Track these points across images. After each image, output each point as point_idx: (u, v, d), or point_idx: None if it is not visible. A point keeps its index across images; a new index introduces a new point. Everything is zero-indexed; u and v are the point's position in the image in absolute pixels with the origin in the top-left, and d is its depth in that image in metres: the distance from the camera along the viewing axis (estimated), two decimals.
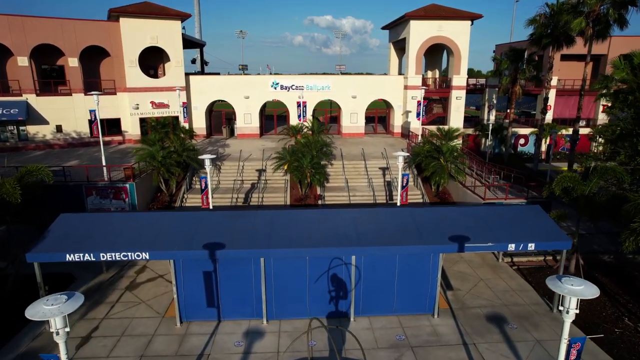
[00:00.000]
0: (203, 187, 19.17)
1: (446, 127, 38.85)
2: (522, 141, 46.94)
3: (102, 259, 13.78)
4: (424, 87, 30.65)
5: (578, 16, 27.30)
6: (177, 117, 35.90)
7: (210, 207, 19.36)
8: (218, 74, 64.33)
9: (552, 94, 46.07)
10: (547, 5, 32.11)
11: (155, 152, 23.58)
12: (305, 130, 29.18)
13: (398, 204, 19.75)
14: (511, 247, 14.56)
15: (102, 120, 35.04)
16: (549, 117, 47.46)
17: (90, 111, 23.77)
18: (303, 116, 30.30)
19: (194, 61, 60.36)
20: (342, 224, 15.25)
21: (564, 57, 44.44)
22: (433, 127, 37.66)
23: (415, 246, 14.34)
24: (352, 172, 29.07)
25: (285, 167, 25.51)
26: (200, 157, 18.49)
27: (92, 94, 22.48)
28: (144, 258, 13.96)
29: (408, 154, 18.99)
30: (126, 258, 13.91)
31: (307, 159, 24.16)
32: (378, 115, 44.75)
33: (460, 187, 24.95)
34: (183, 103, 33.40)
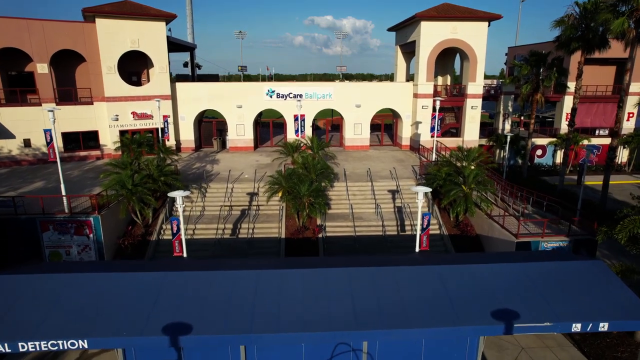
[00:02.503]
0: (175, 231, 15.51)
1: (462, 142, 35.36)
2: (539, 152, 43.25)
3: (21, 349, 10.10)
4: (440, 98, 26.92)
5: (619, 16, 23.57)
6: (162, 129, 32.20)
7: (184, 254, 15.68)
8: (217, 75, 60.73)
9: (572, 101, 42.37)
10: (576, 4, 28.43)
11: (126, 178, 19.86)
12: (303, 147, 25.45)
13: (417, 249, 16.03)
14: (576, 327, 10.85)
15: (77, 133, 31.68)
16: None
17: (45, 131, 20.02)
18: (301, 131, 26.65)
19: (186, 64, 56.81)
20: (349, 292, 11.54)
21: (586, 61, 40.68)
22: (445, 140, 34.09)
23: (448, 328, 10.63)
24: (358, 195, 25.34)
25: (280, 195, 21.81)
26: (170, 193, 14.82)
27: (50, 110, 18.78)
28: (80, 347, 10.26)
29: (430, 190, 15.26)
30: (55, 348, 10.21)
31: (304, 186, 20.46)
32: (384, 123, 40.97)
33: (485, 217, 21.24)
34: (164, 116, 29.65)
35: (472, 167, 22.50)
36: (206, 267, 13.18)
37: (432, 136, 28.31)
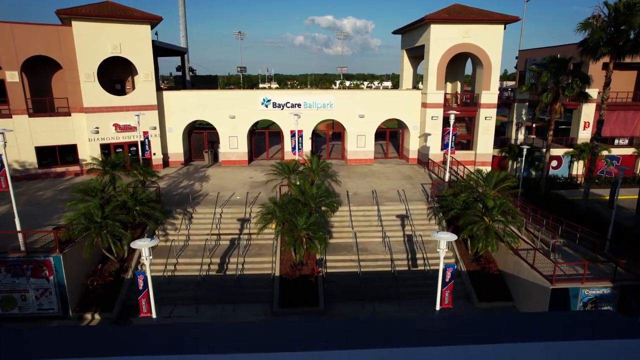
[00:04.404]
0: (141, 288, 12.70)
1: (475, 156, 32.47)
2: (554, 163, 40.38)
3: None
4: (454, 112, 24.02)
5: None
6: (142, 145, 29.37)
7: (153, 315, 12.84)
8: (215, 76, 58.06)
9: (591, 109, 39.61)
10: (605, 4, 25.59)
11: (94, 210, 17.02)
12: (301, 168, 22.56)
13: (437, 306, 13.18)
14: None
15: (54, 148, 28.84)
16: (586, 135, 41.02)
17: None
18: (299, 149, 23.82)
19: (179, 68, 54.08)
20: None
21: (605, 66, 37.86)
22: (455, 153, 31.22)
23: None
24: (362, 222, 22.49)
25: (273, 226, 19.00)
26: (134, 243, 11.96)
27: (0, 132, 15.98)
28: None
29: (455, 238, 12.39)
30: None
31: (302, 218, 17.61)
32: (389, 130, 37.90)
33: (510, 253, 18.38)
34: (144, 132, 26.75)
35: (494, 193, 19.65)
36: (173, 347, 10.34)
37: (446, 153, 25.43)
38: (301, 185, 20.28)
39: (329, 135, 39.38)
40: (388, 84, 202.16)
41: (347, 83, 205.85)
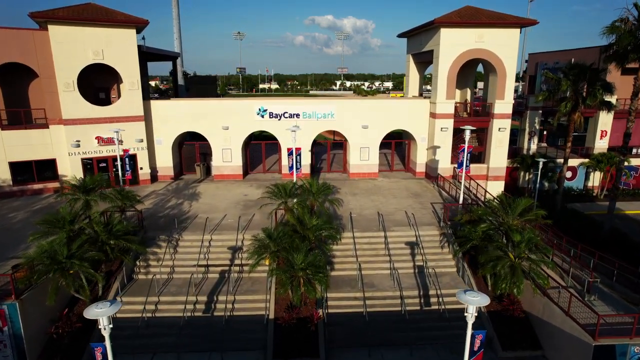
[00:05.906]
0: None
1: (487, 170, 30.00)
2: (568, 174, 37.97)
3: None
4: (470, 128, 21.49)
5: None
6: (133, 156, 27.06)
7: None
8: (215, 77, 55.88)
9: (608, 118, 37.22)
10: (635, 6, 23.24)
11: (58, 247, 14.66)
12: (299, 191, 20.12)
13: None
14: None
15: (30, 163, 26.48)
16: (603, 145, 38.67)
17: None
18: (297, 168, 21.42)
19: (171, 73, 51.74)
20: None
21: (625, 71, 35.44)
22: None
23: None
24: (367, 251, 20.11)
25: (267, 262, 16.64)
26: (88, 311, 9.47)
27: None
28: None
29: (486, 301, 9.92)
30: None
31: (299, 255, 15.26)
32: (395, 140, 35.41)
33: (538, 294, 15.97)
34: (124, 151, 24.29)
35: (517, 223, 17.25)
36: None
37: (460, 172, 22.99)
38: (299, 213, 17.89)
39: (330, 144, 36.85)
40: (389, 84, 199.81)
41: (348, 84, 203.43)
